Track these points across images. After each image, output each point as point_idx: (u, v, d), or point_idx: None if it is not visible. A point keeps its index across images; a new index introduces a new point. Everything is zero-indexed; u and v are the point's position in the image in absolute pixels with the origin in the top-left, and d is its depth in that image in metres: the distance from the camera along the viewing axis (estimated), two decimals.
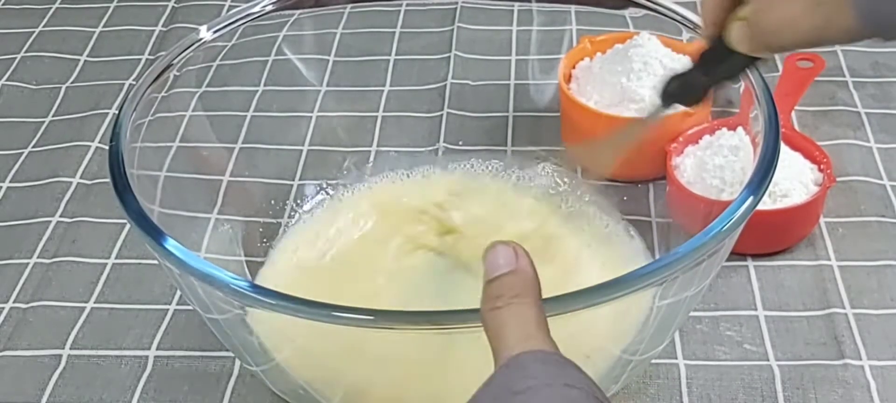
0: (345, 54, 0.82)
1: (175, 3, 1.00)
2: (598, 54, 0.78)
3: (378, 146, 0.78)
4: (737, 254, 0.69)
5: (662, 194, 0.71)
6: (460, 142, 0.78)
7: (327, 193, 0.74)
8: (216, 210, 0.68)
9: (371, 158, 0.77)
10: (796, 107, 0.80)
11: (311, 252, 0.70)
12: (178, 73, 0.65)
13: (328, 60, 0.81)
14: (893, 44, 0.90)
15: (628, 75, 0.74)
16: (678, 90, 0.55)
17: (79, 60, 0.93)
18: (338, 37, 0.82)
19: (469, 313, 0.47)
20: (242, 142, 0.75)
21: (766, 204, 0.67)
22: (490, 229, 0.68)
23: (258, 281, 0.67)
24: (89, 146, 0.82)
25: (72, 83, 0.91)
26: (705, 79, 0.54)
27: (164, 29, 0.96)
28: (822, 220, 0.72)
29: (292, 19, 0.74)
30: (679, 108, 0.57)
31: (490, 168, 0.75)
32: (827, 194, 0.71)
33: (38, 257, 0.73)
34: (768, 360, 0.64)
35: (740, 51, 0.49)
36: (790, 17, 0.45)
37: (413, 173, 0.75)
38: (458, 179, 0.74)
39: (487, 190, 0.74)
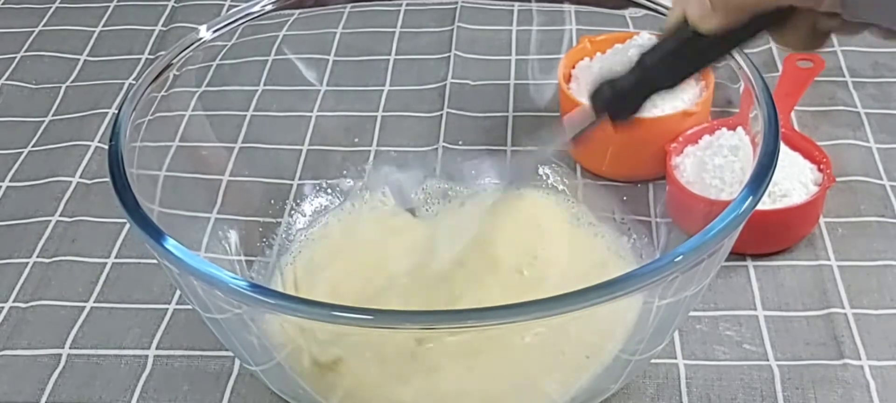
0: (345, 54, 0.82)
1: (175, 2, 1.00)
2: (598, 54, 0.78)
3: (378, 146, 0.78)
4: (736, 254, 0.69)
5: (662, 194, 0.71)
6: (460, 142, 0.78)
7: (327, 193, 0.74)
8: (216, 210, 0.68)
9: (371, 158, 0.77)
10: (796, 107, 0.80)
11: (311, 252, 0.70)
12: (177, 73, 0.65)
13: (328, 60, 0.81)
14: (893, 43, 0.90)
15: None
16: (611, 96, 0.54)
17: (79, 60, 0.93)
18: (338, 36, 0.82)
19: (469, 313, 0.48)
20: (242, 142, 0.75)
21: (765, 204, 0.67)
22: (490, 232, 0.68)
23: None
24: (89, 145, 0.82)
25: (72, 83, 0.91)
26: (649, 76, 0.53)
27: (164, 29, 0.96)
28: (821, 220, 0.72)
29: (292, 19, 0.74)
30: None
31: (489, 169, 0.75)
32: (826, 194, 0.71)
33: (37, 256, 0.73)
34: (768, 360, 0.64)
35: (700, 25, 0.50)
36: None
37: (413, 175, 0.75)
38: (458, 182, 0.75)
39: (486, 193, 0.74)
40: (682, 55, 0.53)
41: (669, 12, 0.53)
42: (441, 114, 0.80)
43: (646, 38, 0.75)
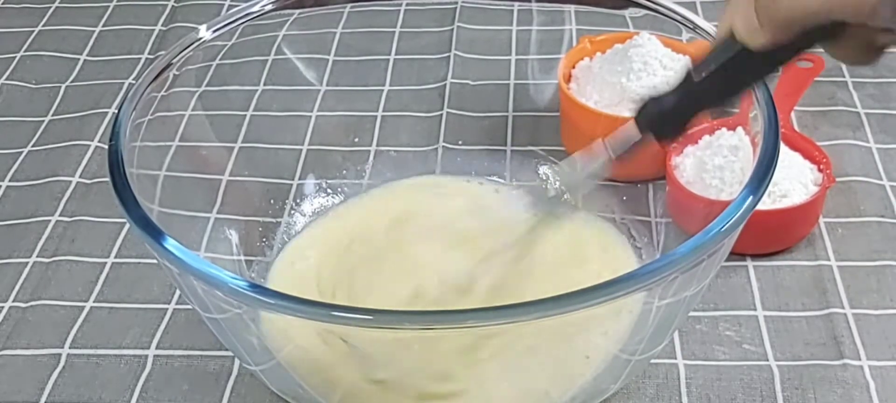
0: (345, 54, 0.82)
1: (175, 2, 1.00)
2: (598, 54, 0.78)
3: (378, 146, 0.78)
4: (736, 254, 0.69)
5: (662, 194, 0.71)
6: (460, 142, 0.78)
7: (327, 193, 0.74)
8: (216, 209, 0.68)
9: (370, 158, 0.77)
10: (796, 108, 0.80)
11: (311, 252, 0.70)
12: (177, 73, 0.65)
13: (328, 60, 0.81)
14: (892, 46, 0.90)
15: (628, 75, 0.74)
16: (657, 115, 0.53)
17: (78, 59, 0.93)
18: (338, 36, 0.82)
19: (469, 313, 0.48)
20: (242, 142, 0.75)
21: (765, 204, 0.67)
22: (489, 235, 0.68)
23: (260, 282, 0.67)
24: (89, 145, 0.82)
25: (71, 82, 0.91)
26: (696, 93, 0.52)
27: (164, 28, 0.96)
28: (821, 220, 0.72)
29: (292, 19, 0.74)
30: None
31: (489, 169, 0.75)
32: (826, 194, 0.71)
33: (37, 256, 0.73)
34: (767, 360, 0.64)
35: (748, 41, 0.48)
36: None
37: (412, 177, 0.75)
38: (457, 181, 0.75)
39: (487, 193, 0.74)
40: (730, 71, 0.50)
41: (717, 27, 0.51)
42: (441, 114, 0.80)
43: (645, 38, 0.75)
